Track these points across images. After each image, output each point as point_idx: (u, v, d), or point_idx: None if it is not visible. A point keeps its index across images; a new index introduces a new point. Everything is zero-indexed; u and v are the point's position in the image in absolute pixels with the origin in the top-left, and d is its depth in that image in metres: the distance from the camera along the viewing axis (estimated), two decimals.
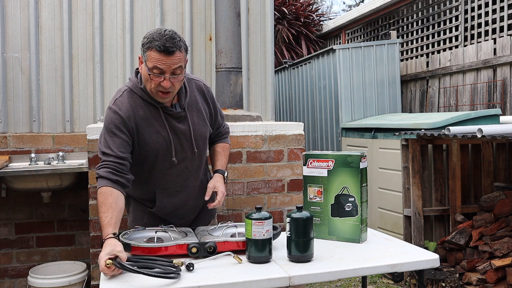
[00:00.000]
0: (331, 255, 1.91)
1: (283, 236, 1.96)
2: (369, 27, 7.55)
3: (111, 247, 1.69)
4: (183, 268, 1.70)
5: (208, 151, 2.33)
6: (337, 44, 8.62)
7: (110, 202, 1.86)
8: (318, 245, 1.98)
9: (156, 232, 2.00)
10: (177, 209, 2.22)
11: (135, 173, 2.04)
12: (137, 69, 2.08)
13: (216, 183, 2.18)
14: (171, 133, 2.05)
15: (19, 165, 3.12)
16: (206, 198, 2.14)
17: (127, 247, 1.86)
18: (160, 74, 1.91)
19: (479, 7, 5.33)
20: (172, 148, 2.06)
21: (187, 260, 1.75)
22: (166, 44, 1.88)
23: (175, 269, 1.66)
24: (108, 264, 1.63)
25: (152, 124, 2.02)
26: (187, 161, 2.14)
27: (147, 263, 1.74)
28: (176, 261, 1.73)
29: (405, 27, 6.66)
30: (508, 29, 4.94)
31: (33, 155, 3.15)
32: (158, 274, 1.59)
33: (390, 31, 6.50)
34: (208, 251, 1.87)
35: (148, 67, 1.91)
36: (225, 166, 2.28)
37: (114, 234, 1.78)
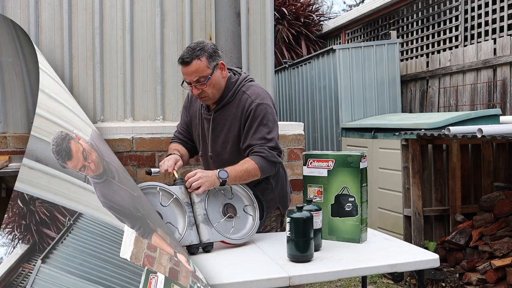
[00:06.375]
0: (331, 255, 1.91)
1: (283, 236, 1.96)
2: (369, 27, 7.55)
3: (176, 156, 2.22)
4: None
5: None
6: (337, 44, 8.62)
7: (175, 147, 2.33)
8: None
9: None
10: None
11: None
12: None
13: (199, 172, 2.04)
14: (201, 130, 2.29)
15: (19, 165, 3.10)
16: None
17: None
18: (188, 84, 2.11)
19: (479, 7, 5.33)
20: (200, 142, 2.31)
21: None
22: (183, 56, 2.05)
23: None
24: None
25: (196, 118, 2.32)
26: (208, 160, 2.29)
27: None
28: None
29: (405, 27, 6.66)
30: (508, 29, 4.94)
31: None
32: None
33: (390, 31, 6.50)
34: None
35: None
36: (232, 172, 2.06)
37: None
